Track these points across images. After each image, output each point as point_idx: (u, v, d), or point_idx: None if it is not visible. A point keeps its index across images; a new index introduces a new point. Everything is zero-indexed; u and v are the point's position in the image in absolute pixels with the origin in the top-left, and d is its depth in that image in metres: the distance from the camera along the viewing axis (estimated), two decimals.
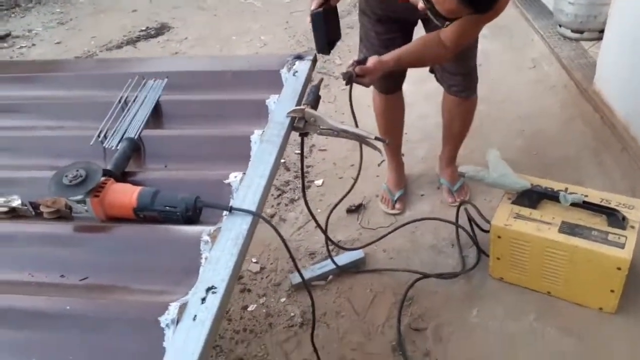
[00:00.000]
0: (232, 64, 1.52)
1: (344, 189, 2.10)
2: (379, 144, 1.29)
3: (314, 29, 1.50)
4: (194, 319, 0.78)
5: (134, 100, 1.33)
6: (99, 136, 1.22)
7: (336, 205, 1.75)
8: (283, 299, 1.90)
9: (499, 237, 1.67)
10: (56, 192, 0.99)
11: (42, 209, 1.04)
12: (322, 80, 1.36)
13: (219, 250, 0.90)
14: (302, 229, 2.20)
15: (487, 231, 1.78)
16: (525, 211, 1.66)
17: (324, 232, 1.73)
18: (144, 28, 4.26)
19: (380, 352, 1.66)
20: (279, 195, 2.41)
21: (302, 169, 1.48)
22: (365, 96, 2.12)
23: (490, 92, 2.70)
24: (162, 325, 0.77)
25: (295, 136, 1.28)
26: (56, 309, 0.82)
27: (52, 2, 5.07)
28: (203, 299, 0.81)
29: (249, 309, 1.88)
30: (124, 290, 0.87)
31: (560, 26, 3.13)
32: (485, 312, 1.73)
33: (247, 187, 1.03)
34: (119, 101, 1.33)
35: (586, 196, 1.64)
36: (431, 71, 2.01)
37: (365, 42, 1.90)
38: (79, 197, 0.99)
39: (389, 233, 2.02)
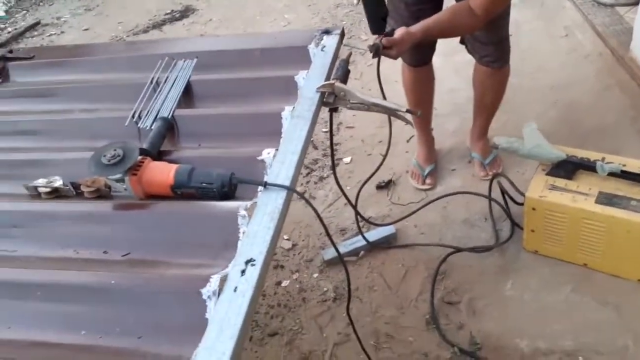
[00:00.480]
0: (259, 42, 1.51)
1: (372, 166, 2.09)
2: (410, 117, 1.28)
3: (365, 6, 1.49)
4: (235, 291, 0.80)
5: (165, 81, 1.35)
6: (133, 117, 1.24)
7: (366, 181, 1.74)
8: (315, 275, 1.92)
9: (533, 209, 1.64)
10: (95, 171, 1.02)
11: (82, 188, 1.07)
12: (350, 54, 1.35)
13: (256, 224, 0.91)
14: (332, 206, 2.21)
15: (521, 204, 1.75)
16: (561, 182, 1.63)
17: (355, 208, 1.73)
18: (168, 11, 4.28)
19: (413, 325, 1.67)
20: (308, 173, 2.42)
21: (331, 145, 1.48)
22: (393, 72, 2.10)
23: (521, 63, 2.62)
24: (204, 297, 0.79)
25: (322, 114, 1.27)
26: (102, 283, 0.85)
27: None
28: (243, 271, 0.83)
29: (283, 284, 1.91)
30: (165, 264, 0.90)
31: None
32: (520, 284, 1.72)
33: (280, 162, 1.04)
34: (151, 82, 1.34)
35: (624, 165, 1.60)
36: (462, 42, 1.97)
37: (394, 14, 1.87)
38: (118, 176, 1.01)
39: (420, 208, 2.02)
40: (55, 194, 1.09)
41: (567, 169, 1.64)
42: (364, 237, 1.91)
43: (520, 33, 2.96)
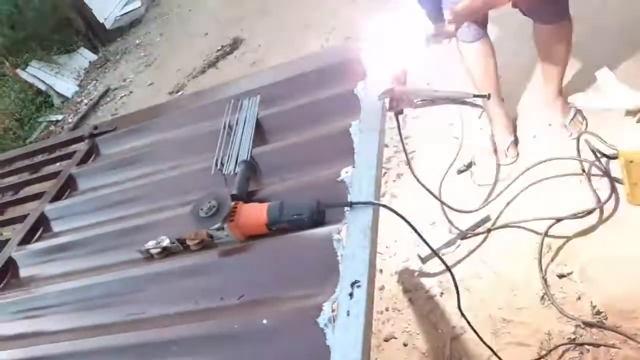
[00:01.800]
0: (311, 64, 1.55)
1: (449, 152, 2.08)
2: (479, 100, 1.26)
3: None
4: (348, 315, 0.83)
5: (237, 123, 1.42)
6: (216, 165, 1.32)
7: (449, 168, 1.72)
8: (416, 273, 1.93)
9: (631, 161, 1.55)
10: (197, 225, 1.10)
11: (188, 242, 1.16)
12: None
13: (352, 245, 0.94)
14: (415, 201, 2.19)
15: (615, 157, 1.65)
16: None
17: (439, 199, 1.69)
18: (219, 47, 4.47)
19: (528, 305, 1.63)
20: (384, 173, 2.42)
21: (404, 149, 1.45)
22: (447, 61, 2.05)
23: (580, 5, 2.47)
24: (321, 325, 0.84)
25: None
26: (227, 329, 0.92)
27: (134, 48, 5.49)
28: (350, 294, 0.86)
29: (386, 288, 1.93)
30: (278, 300, 0.95)
31: None
32: (632, 241, 1.62)
33: (359, 179, 1.06)
34: (224, 127, 1.42)
35: None
36: (514, 5, 1.89)
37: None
38: (217, 225, 1.09)
39: (509, 185, 1.96)
40: (166, 252, 1.19)
41: None
42: (455, 226, 1.88)
43: None
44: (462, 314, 1.34)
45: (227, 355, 0.89)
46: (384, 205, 1.03)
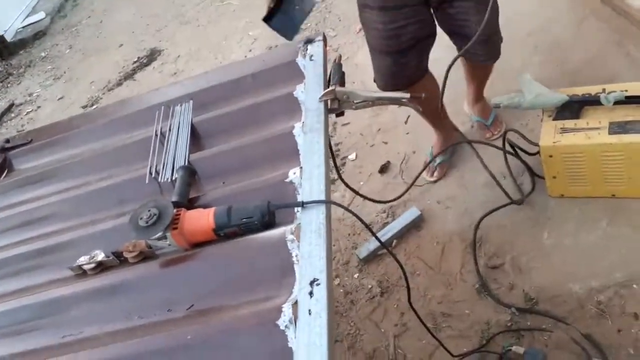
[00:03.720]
0: (248, 68, 1.52)
1: (378, 156, 2.12)
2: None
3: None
4: (310, 314, 0.81)
5: (170, 129, 1.36)
6: (150, 173, 1.25)
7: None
8: (356, 275, 1.94)
9: (550, 156, 1.66)
10: (137, 235, 1.03)
11: (125, 255, 1.08)
12: (340, 56, 1.36)
13: (307, 244, 0.92)
14: (351, 205, 2.22)
15: (535, 154, 1.77)
16: (570, 123, 1.65)
17: (359, 194, 1.71)
18: (135, 59, 4.28)
19: (465, 298, 1.69)
20: None
21: (330, 147, 1.43)
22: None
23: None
24: (282, 327, 0.81)
25: None
26: (180, 341, 0.86)
27: (40, 61, 5.13)
28: (310, 293, 0.84)
29: None
30: (232, 307, 0.91)
31: None
32: (556, 231, 1.74)
33: (308, 179, 1.05)
34: (156, 134, 1.36)
35: (626, 91, 1.62)
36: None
37: (366, 28, 1.74)
38: (160, 234, 1.02)
39: (437, 181, 2.04)
40: (101, 267, 1.10)
41: (572, 109, 1.66)
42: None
43: None
44: (412, 307, 1.36)
45: None
46: (336, 203, 1.02)
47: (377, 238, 1.17)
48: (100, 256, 1.11)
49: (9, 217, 1.37)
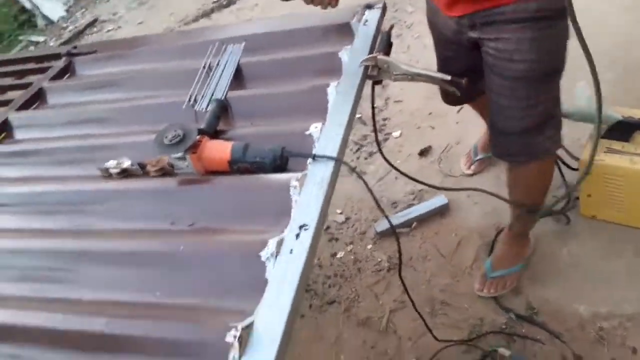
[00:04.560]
0: (304, 22, 1.56)
1: (422, 139, 2.10)
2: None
3: None
4: (291, 252, 0.86)
5: (217, 65, 1.42)
6: (189, 100, 1.32)
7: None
8: (369, 246, 1.98)
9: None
10: (159, 151, 1.10)
11: (148, 168, 1.17)
12: (392, 26, 1.36)
13: (307, 193, 0.97)
14: (382, 181, 2.24)
15: (577, 169, 1.72)
16: (617, 145, 1.58)
17: (402, 172, 1.63)
18: (216, 0, 4.39)
19: (468, 292, 1.69)
20: (358, 149, 2.46)
21: (373, 117, 1.44)
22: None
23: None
24: (263, 259, 0.86)
25: (369, 90, 1.29)
26: (172, 250, 0.94)
27: None
28: (297, 235, 0.89)
29: (338, 255, 1.97)
30: (227, 231, 0.97)
31: None
32: (578, 250, 1.70)
33: (327, 136, 1.09)
34: (204, 67, 1.42)
35: None
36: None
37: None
38: (180, 155, 1.09)
39: (473, 175, 2.02)
40: (125, 173, 1.19)
41: (623, 130, 1.59)
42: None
43: None
44: (403, 284, 1.38)
45: (168, 272, 0.91)
46: (345, 163, 1.05)
47: (380, 208, 1.19)
48: (127, 164, 1.20)
49: (60, 114, 1.50)
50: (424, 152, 2.28)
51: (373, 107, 1.44)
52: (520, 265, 1.66)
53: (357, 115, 2.66)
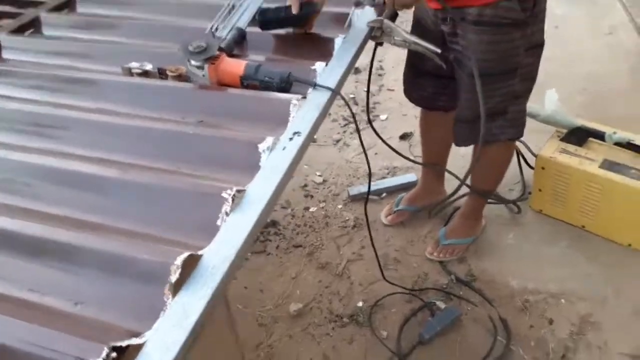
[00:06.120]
0: None
1: (405, 125, 2.30)
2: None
3: None
4: (284, 149, 1.04)
5: (240, 5, 1.58)
6: (211, 29, 1.48)
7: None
8: (340, 206, 2.16)
9: (542, 168, 1.83)
10: (183, 55, 1.26)
11: (167, 73, 1.32)
12: None
13: (304, 111, 1.14)
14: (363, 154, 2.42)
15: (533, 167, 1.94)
16: (571, 147, 1.81)
17: (387, 144, 1.80)
18: None
19: (419, 254, 1.90)
20: (346, 124, 2.65)
21: (369, 79, 1.62)
22: None
23: (560, 52, 2.78)
24: (260, 150, 1.03)
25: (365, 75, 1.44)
26: (183, 133, 1.10)
27: None
28: (290, 138, 1.06)
29: (310, 209, 2.15)
30: (231, 129, 1.14)
31: None
32: (521, 236, 1.92)
33: (329, 71, 1.27)
34: (228, 5, 1.58)
35: (633, 140, 1.77)
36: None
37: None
38: (200, 63, 1.25)
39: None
40: (146, 75, 1.35)
41: (579, 136, 1.82)
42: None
43: (566, 26, 3.10)
44: (370, 235, 1.56)
45: (178, 152, 1.07)
46: (339, 94, 1.23)
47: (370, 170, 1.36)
48: (148, 67, 1.35)
49: (88, 20, 1.64)
50: (404, 137, 2.48)
51: (371, 68, 1.62)
52: (470, 239, 1.87)
53: (351, 96, 2.85)
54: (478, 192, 1.74)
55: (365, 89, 2.80)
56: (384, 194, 2.18)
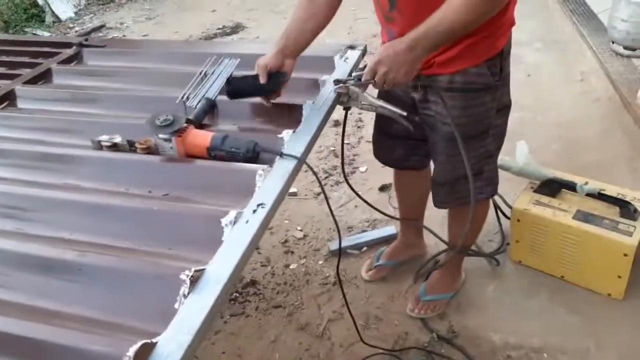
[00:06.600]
0: None
1: (384, 177, 2.32)
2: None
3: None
4: (247, 223, 1.04)
5: (212, 73, 1.63)
6: (182, 97, 1.52)
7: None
8: (321, 262, 2.15)
9: (518, 220, 1.84)
10: (150, 129, 1.29)
11: (136, 145, 1.34)
12: (366, 65, 1.60)
13: (269, 181, 1.16)
14: (344, 207, 2.44)
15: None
16: (545, 199, 1.83)
17: (367, 202, 1.81)
18: (220, 26, 4.67)
19: (401, 311, 1.87)
20: (326, 177, 2.67)
21: (342, 141, 1.65)
22: None
23: (535, 100, 2.85)
24: (223, 224, 1.04)
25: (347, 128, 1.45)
26: (147, 209, 1.11)
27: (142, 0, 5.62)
28: (254, 211, 1.07)
29: (291, 267, 2.14)
30: (197, 202, 1.15)
31: (613, 43, 3.21)
32: (501, 289, 1.91)
33: (295, 140, 1.29)
34: (200, 73, 1.63)
35: (603, 190, 1.79)
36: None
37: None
38: (167, 136, 1.28)
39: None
40: (115, 147, 1.37)
41: (552, 187, 1.84)
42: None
43: (539, 74, 3.19)
44: (338, 275, 1.55)
45: (141, 226, 1.08)
46: (305, 163, 1.25)
47: (336, 224, 1.38)
48: (117, 139, 1.37)
49: (63, 92, 1.68)
50: (383, 188, 2.51)
51: (344, 131, 1.66)
52: (450, 294, 1.86)
53: (331, 149, 2.89)
54: (456, 248, 1.74)
55: (347, 142, 2.92)
56: (364, 248, 2.18)
